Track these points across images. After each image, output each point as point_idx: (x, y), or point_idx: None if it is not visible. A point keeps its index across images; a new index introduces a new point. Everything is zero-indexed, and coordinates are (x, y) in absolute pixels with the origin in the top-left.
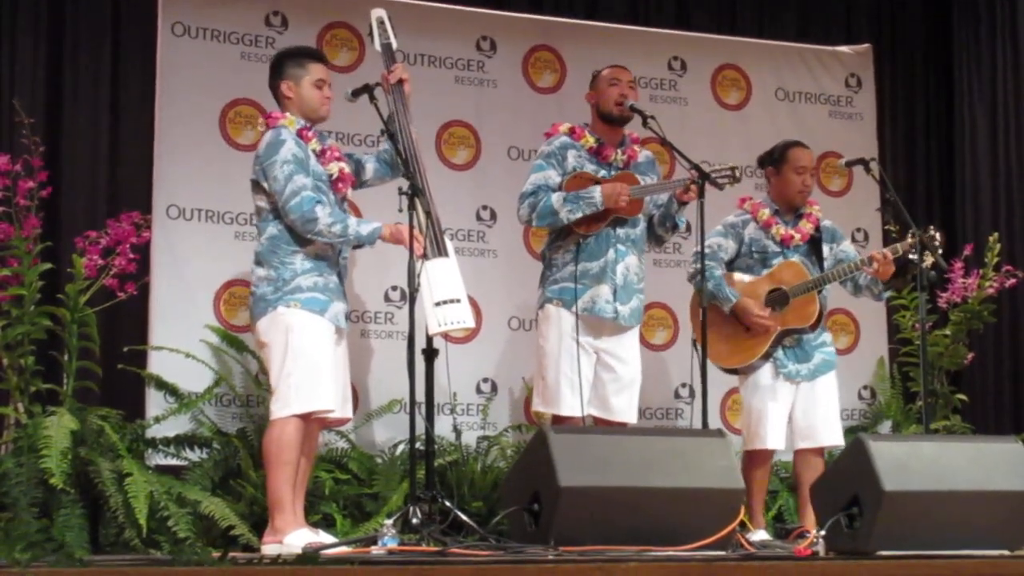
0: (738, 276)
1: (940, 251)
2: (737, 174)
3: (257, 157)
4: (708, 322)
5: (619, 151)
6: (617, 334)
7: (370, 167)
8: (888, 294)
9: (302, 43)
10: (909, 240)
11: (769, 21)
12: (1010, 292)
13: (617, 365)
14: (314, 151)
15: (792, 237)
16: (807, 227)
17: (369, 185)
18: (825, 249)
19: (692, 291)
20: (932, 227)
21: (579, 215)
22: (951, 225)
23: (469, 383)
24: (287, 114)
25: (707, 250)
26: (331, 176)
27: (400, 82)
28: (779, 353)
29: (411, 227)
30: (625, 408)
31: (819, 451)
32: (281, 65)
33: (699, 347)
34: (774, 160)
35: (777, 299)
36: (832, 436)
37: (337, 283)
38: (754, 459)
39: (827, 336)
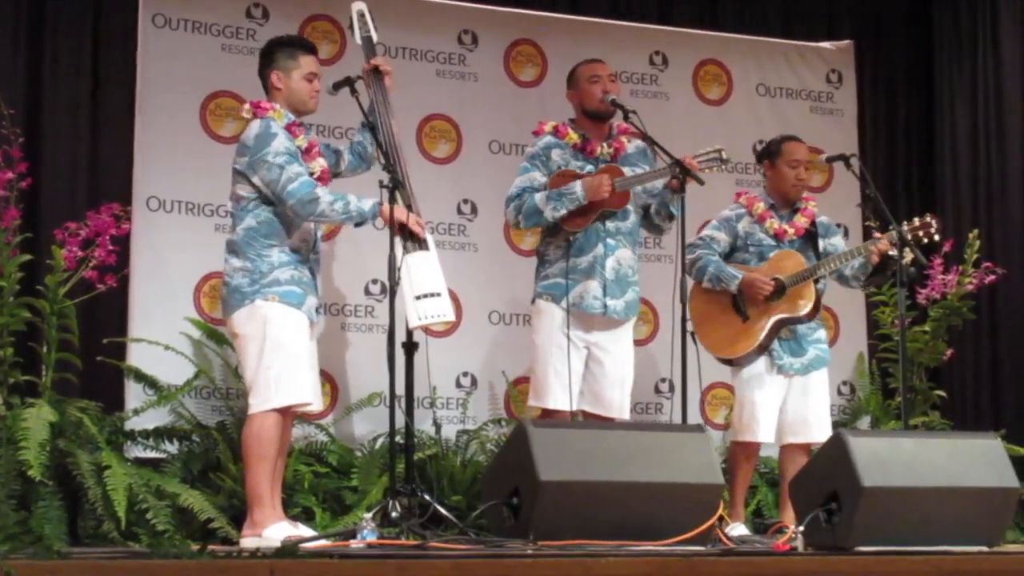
0: (736, 268)
1: (937, 237)
2: (724, 155)
3: (246, 147)
4: (705, 313)
5: (605, 145)
6: (609, 328)
7: (346, 158)
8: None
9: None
10: (906, 227)
11: (751, 17)
12: (989, 289)
13: (607, 359)
14: (299, 147)
15: (786, 232)
16: (802, 221)
17: (343, 177)
18: (821, 244)
19: (691, 283)
20: (931, 215)
21: (563, 211)
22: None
23: (449, 377)
24: (276, 105)
25: (700, 240)
26: (312, 174)
27: (380, 74)
28: (775, 345)
29: (392, 217)
30: (618, 403)
31: (806, 447)
32: (273, 54)
33: (695, 338)
34: (769, 154)
35: (775, 289)
36: (821, 432)
37: (310, 277)
38: (743, 451)
39: (822, 332)
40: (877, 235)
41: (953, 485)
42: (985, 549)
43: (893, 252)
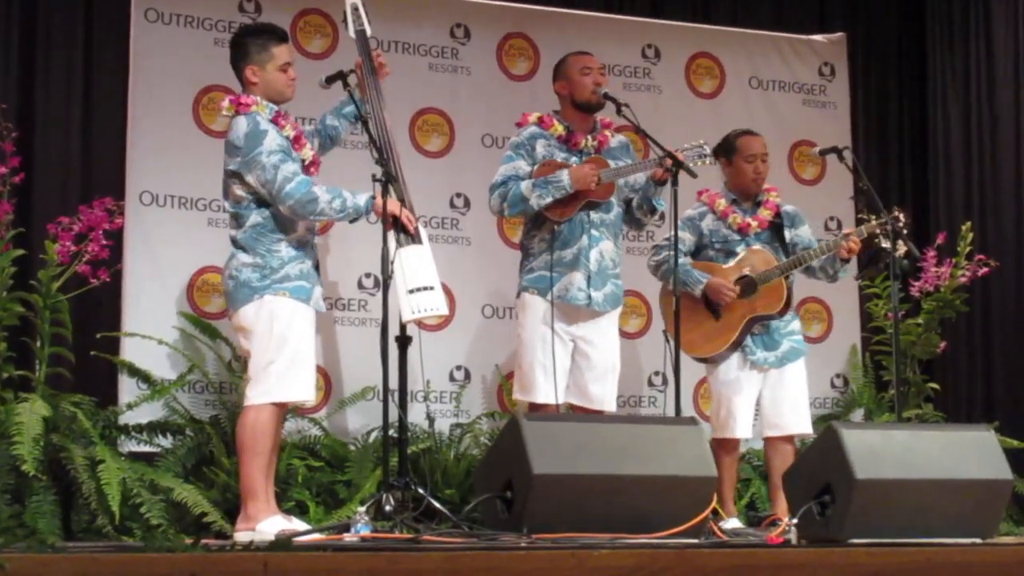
0: (704, 265)
1: (905, 232)
2: (706, 149)
3: (236, 148)
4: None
5: (589, 137)
6: (592, 320)
7: (316, 142)
8: (844, 275)
9: None
10: (874, 221)
11: (743, 10)
12: (982, 281)
13: (592, 352)
14: (287, 137)
15: (749, 225)
16: (765, 214)
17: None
18: (787, 234)
19: (661, 285)
20: (896, 207)
21: (549, 199)
22: (924, 214)
23: (442, 371)
24: (257, 98)
25: (665, 243)
26: (304, 161)
27: (375, 68)
28: (747, 341)
29: (386, 211)
30: (603, 396)
31: (788, 438)
32: (245, 46)
33: (670, 338)
34: (726, 150)
35: (745, 286)
36: (800, 424)
37: (312, 267)
38: (723, 447)
39: (796, 324)
40: (847, 230)
41: (947, 477)
42: (979, 541)
43: (886, 244)
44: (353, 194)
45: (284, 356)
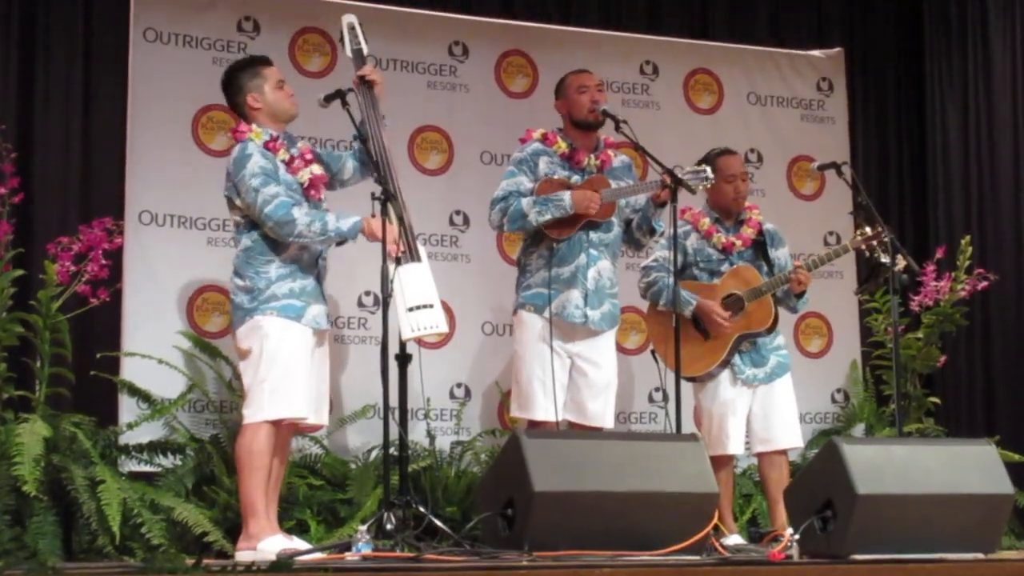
0: (692, 284)
1: (891, 246)
2: (710, 173)
3: (228, 173)
4: (666, 332)
5: (592, 156)
6: (590, 338)
7: (349, 165)
8: (802, 309)
9: (274, 48)
10: (858, 237)
11: (741, 25)
12: (982, 295)
13: (590, 369)
14: (282, 161)
15: (733, 244)
16: (748, 232)
17: (351, 184)
18: (771, 252)
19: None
20: (878, 226)
21: (548, 217)
22: (923, 228)
23: (443, 388)
24: (253, 126)
25: (654, 263)
26: (302, 183)
27: (370, 84)
28: (735, 358)
29: (384, 230)
30: (600, 413)
31: (780, 452)
32: (237, 81)
33: (659, 357)
34: None
35: (733, 304)
36: (790, 439)
37: (314, 285)
38: (717, 464)
39: (780, 339)
40: (796, 263)
41: (948, 492)
42: (981, 556)
43: (885, 259)
44: (338, 217)
45: (274, 374)
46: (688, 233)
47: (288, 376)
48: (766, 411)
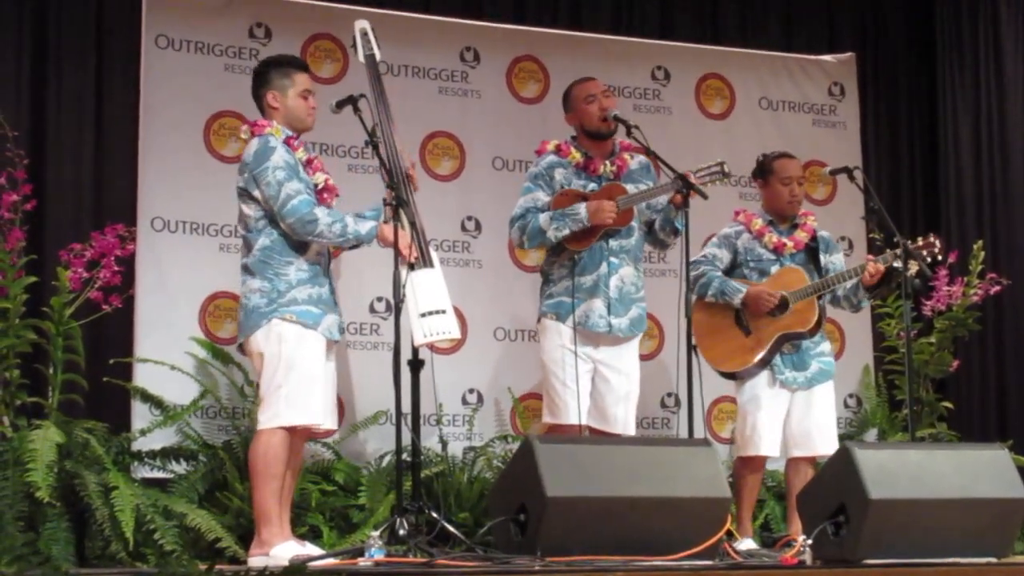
0: (740, 282)
1: (940, 257)
2: (725, 168)
3: (245, 164)
4: (708, 326)
5: (608, 162)
6: (615, 345)
7: None
8: (866, 304)
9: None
10: (896, 251)
11: (753, 30)
12: (995, 299)
13: (613, 376)
14: (301, 160)
15: (785, 245)
16: (802, 236)
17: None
18: (823, 258)
19: (694, 298)
20: (932, 235)
21: (566, 231)
22: (935, 233)
23: (455, 394)
24: (273, 123)
25: (703, 258)
26: (317, 186)
27: (384, 94)
28: (776, 360)
29: (396, 235)
30: (624, 418)
31: (811, 460)
32: (266, 74)
33: (699, 353)
34: (762, 172)
35: (778, 304)
36: (827, 445)
37: (329, 294)
38: (747, 465)
39: (826, 346)
40: (869, 257)
41: (961, 496)
42: (994, 560)
43: (897, 264)
44: (356, 220)
45: (292, 380)
46: (740, 232)
47: (306, 382)
48: (805, 416)
